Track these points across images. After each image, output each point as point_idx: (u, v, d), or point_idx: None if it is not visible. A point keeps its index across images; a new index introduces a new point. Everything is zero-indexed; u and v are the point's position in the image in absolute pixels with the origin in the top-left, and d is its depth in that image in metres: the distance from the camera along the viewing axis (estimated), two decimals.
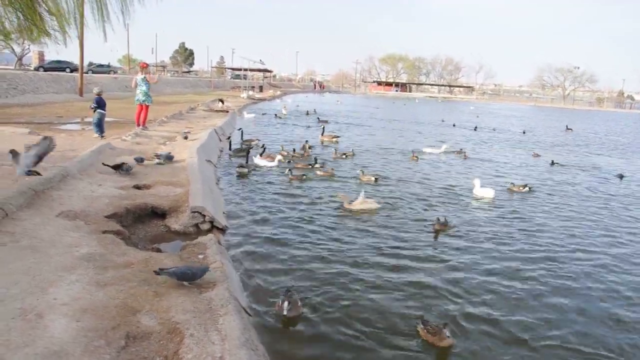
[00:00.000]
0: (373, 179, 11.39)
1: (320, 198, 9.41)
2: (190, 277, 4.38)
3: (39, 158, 7.25)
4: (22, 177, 6.95)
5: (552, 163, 16.05)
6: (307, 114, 31.08)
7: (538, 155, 18.20)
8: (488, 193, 10.37)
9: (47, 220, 5.69)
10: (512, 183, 11.55)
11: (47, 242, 5.06)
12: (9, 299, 3.81)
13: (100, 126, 12.77)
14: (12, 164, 7.26)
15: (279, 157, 12.55)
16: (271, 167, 12.15)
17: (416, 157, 15.57)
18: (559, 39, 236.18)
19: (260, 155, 13.23)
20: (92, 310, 3.78)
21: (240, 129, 17.63)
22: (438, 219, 7.83)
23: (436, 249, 6.94)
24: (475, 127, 29.15)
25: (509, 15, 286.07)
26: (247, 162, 12.11)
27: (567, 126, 35.23)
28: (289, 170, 11.14)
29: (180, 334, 3.58)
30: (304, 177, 10.97)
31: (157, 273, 4.36)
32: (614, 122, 52.69)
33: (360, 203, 8.54)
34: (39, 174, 7.12)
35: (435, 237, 7.48)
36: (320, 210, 8.61)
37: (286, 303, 4.53)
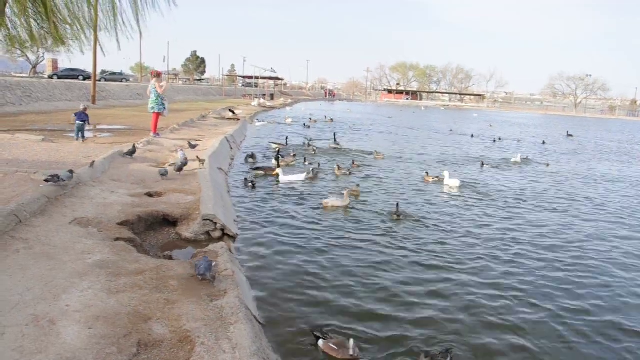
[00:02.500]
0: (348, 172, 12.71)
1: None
2: (208, 267, 4.66)
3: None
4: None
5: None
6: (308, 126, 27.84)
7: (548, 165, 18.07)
8: (455, 182, 11.86)
9: (60, 227, 5.74)
10: (426, 172, 12.98)
11: (60, 248, 5.10)
12: (22, 305, 3.83)
13: (82, 132, 13.03)
14: (27, 171, 7.34)
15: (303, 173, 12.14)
16: (298, 180, 11.59)
17: (381, 155, 16.49)
18: (570, 46, 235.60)
19: (276, 159, 13.26)
20: (104, 317, 3.79)
21: (287, 137, 17.87)
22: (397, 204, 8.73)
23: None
24: (494, 139, 27.39)
25: (519, 24, 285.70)
26: (278, 165, 12.48)
27: (567, 132, 36.97)
28: (246, 179, 10.89)
29: (191, 343, 3.57)
30: (252, 184, 10.47)
31: (202, 277, 4.64)
32: (626, 130, 52.06)
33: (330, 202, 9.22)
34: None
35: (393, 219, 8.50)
36: (331, 215, 8.61)
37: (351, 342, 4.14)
